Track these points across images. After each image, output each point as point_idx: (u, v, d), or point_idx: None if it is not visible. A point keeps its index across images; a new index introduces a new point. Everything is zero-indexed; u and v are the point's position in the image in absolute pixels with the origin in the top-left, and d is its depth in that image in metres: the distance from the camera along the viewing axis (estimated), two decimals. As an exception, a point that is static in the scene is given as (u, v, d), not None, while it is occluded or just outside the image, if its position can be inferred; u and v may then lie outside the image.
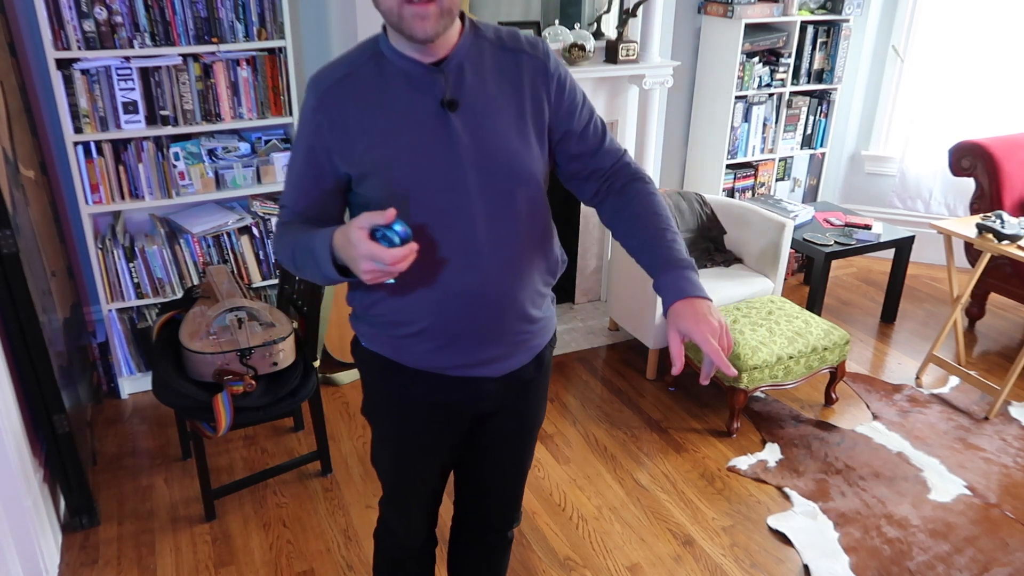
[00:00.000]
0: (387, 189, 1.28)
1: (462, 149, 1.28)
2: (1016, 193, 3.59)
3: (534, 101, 1.35)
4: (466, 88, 1.29)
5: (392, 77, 1.29)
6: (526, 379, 1.51)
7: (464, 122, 1.28)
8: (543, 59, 1.36)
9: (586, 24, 3.61)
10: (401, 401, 1.49)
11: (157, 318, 2.61)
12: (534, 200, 1.38)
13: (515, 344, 1.44)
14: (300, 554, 2.37)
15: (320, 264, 1.24)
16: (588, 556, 2.39)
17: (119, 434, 2.93)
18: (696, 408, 3.14)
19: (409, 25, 1.19)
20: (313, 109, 1.30)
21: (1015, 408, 3.13)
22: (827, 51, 4.07)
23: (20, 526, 2.08)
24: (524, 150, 1.33)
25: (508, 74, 1.33)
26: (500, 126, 1.31)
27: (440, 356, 1.40)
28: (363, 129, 1.28)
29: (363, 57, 1.31)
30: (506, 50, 1.35)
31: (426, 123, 1.28)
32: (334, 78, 1.30)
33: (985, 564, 2.35)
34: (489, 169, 1.30)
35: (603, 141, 1.45)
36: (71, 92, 2.71)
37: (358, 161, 1.29)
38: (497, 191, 1.31)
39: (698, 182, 4.22)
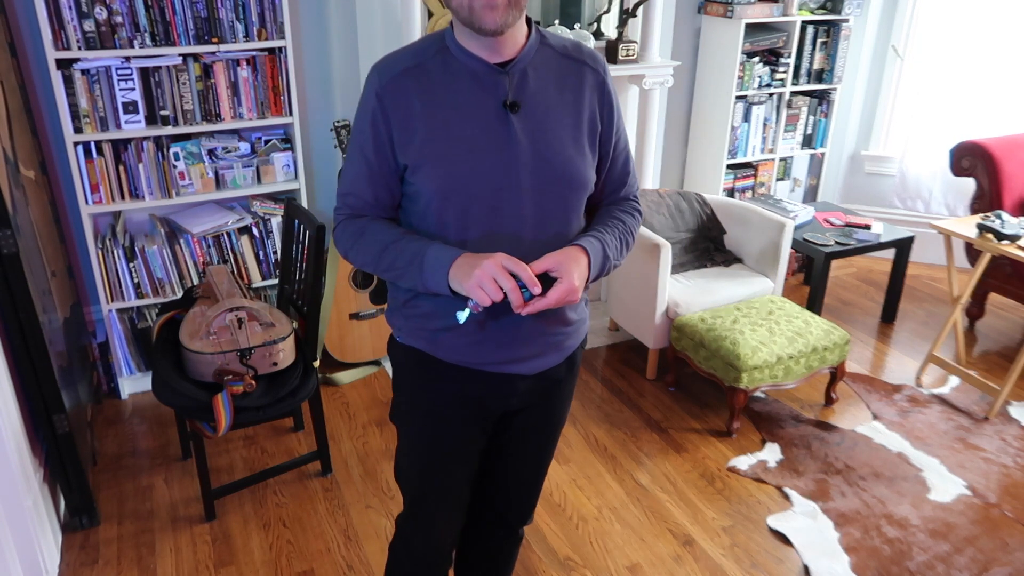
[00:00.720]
0: (441, 181, 1.31)
1: (519, 150, 1.31)
2: (1016, 193, 3.59)
3: (591, 112, 1.39)
4: (529, 92, 1.33)
5: (457, 73, 1.31)
6: (557, 378, 1.53)
7: (524, 125, 1.32)
8: (603, 75, 1.41)
9: (586, 24, 3.61)
10: (433, 397, 1.50)
11: (157, 318, 2.61)
12: (580, 207, 1.42)
13: (549, 344, 1.46)
14: (300, 554, 2.37)
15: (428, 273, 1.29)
16: (588, 556, 2.39)
17: (119, 434, 2.93)
18: (696, 408, 3.14)
19: (479, 16, 1.21)
20: (376, 95, 1.32)
21: (1015, 408, 3.13)
22: (827, 51, 4.07)
23: (20, 526, 2.08)
24: (578, 158, 1.37)
25: (570, 83, 1.37)
26: (558, 132, 1.35)
27: (475, 351, 1.42)
28: (423, 120, 1.30)
29: (431, 50, 1.33)
30: (570, 59, 1.39)
31: (487, 121, 1.31)
32: (400, 67, 1.32)
33: (985, 564, 2.35)
34: (543, 173, 1.34)
35: (627, 175, 1.51)
36: (71, 92, 2.71)
37: (415, 151, 1.31)
38: (548, 194, 1.35)
39: (698, 182, 4.22)
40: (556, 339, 1.47)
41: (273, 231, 3.19)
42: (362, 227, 1.39)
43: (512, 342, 1.42)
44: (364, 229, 1.39)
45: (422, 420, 1.54)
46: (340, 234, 1.43)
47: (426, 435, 1.54)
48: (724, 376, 2.91)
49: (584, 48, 1.41)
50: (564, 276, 1.29)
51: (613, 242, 1.43)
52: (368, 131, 1.34)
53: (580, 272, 1.32)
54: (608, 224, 1.46)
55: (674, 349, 3.19)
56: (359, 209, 1.41)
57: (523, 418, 1.57)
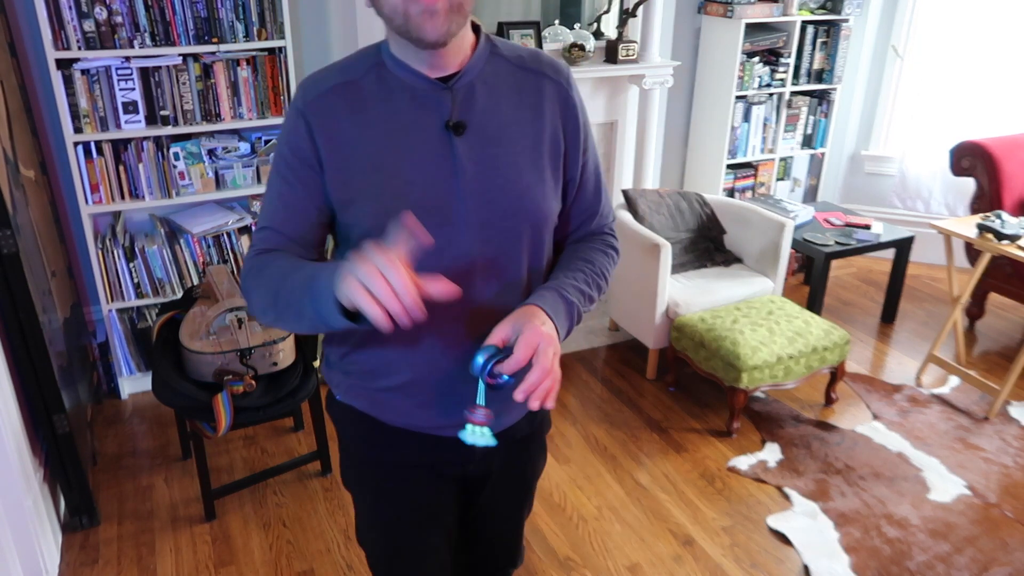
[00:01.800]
0: (375, 219, 1.11)
1: (465, 179, 1.13)
2: (1016, 193, 3.59)
3: (552, 131, 1.20)
4: (476, 110, 1.14)
5: (394, 90, 1.13)
6: (519, 436, 1.35)
7: (470, 149, 1.13)
8: (566, 86, 1.22)
9: (586, 24, 3.62)
10: (383, 463, 1.32)
11: (157, 318, 2.61)
12: (541, 244, 1.23)
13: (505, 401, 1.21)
14: (300, 554, 2.37)
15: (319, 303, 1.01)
16: (588, 556, 2.39)
17: (119, 434, 2.93)
18: (696, 408, 3.14)
19: (417, 25, 1.04)
20: (300, 116, 1.14)
21: (1015, 408, 3.13)
22: (827, 51, 4.07)
23: (20, 526, 2.08)
24: (537, 186, 1.18)
25: (527, 98, 1.19)
26: (512, 156, 1.16)
27: (423, 414, 1.24)
28: (354, 147, 1.12)
29: (364, 65, 1.16)
30: (526, 71, 1.20)
31: (427, 146, 1.13)
32: (328, 84, 1.14)
33: (985, 564, 2.35)
34: (494, 205, 1.15)
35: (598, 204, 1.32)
36: (71, 92, 2.71)
37: (345, 183, 1.13)
38: (501, 230, 1.16)
39: (698, 182, 4.22)
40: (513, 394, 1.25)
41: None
42: (265, 263, 1.14)
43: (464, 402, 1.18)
44: (266, 265, 1.14)
45: (375, 491, 1.35)
46: (244, 274, 1.19)
47: (382, 504, 1.35)
48: (724, 376, 2.91)
49: (543, 57, 1.23)
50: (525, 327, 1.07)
51: (575, 287, 1.21)
52: (291, 157, 1.15)
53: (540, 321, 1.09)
54: (570, 268, 1.24)
55: (674, 349, 3.19)
56: (275, 245, 1.17)
57: (491, 480, 1.39)
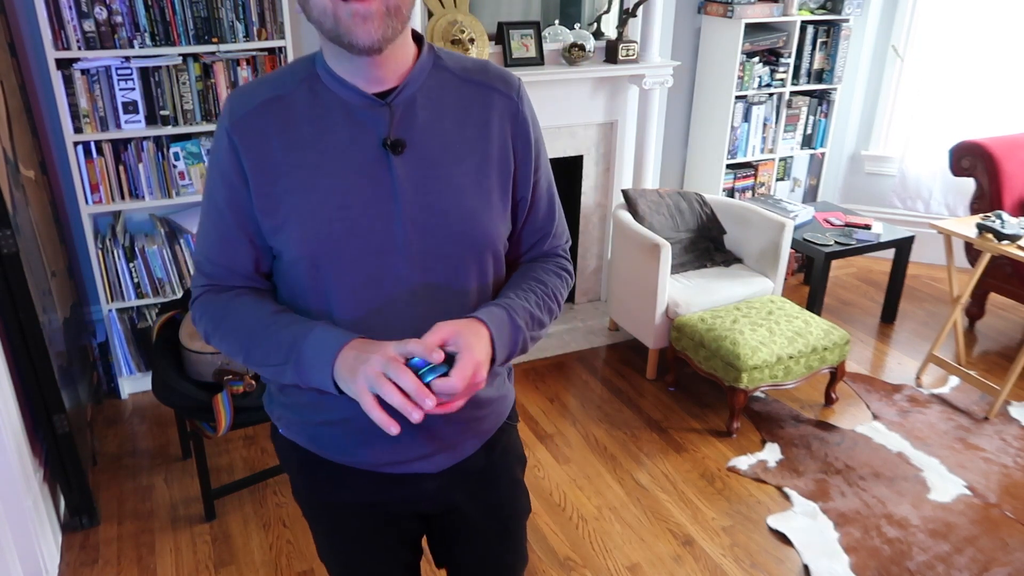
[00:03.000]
0: (306, 245, 1.05)
1: (403, 203, 1.05)
2: (1016, 193, 3.59)
3: (501, 149, 1.12)
4: (417, 127, 1.07)
5: (327, 106, 1.05)
6: (475, 469, 1.25)
7: (410, 169, 1.06)
8: (516, 100, 1.14)
9: (586, 24, 3.62)
10: (327, 501, 1.26)
11: (157, 318, 2.61)
12: (487, 269, 1.14)
13: (458, 434, 1.19)
14: (300, 554, 2.37)
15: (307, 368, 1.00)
16: (588, 556, 2.39)
17: (119, 434, 2.93)
18: (696, 408, 3.14)
19: (348, 29, 0.96)
20: (226, 136, 1.06)
21: (1015, 408, 3.13)
22: (827, 51, 4.07)
23: (20, 526, 2.08)
24: (483, 209, 1.10)
25: (473, 114, 1.11)
26: (456, 178, 1.08)
27: (365, 451, 1.16)
28: (283, 168, 1.05)
29: (295, 78, 1.07)
30: (473, 84, 1.12)
31: (361, 167, 1.05)
32: (256, 101, 1.06)
33: (985, 564, 2.35)
34: (435, 231, 1.07)
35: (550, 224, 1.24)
36: (71, 92, 2.71)
37: (272, 208, 1.06)
38: (442, 258, 1.08)
39: (698, 182, 4.22)
40: (467, 425, 1.19)
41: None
42: (224, 307, 1.10)
43: (409, 439, 1.13)
44: (227, 310, 1.10)
45: (323, 523, 1.30)
46: (197, 314, 1.14)
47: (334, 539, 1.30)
48: (724, 376, 2.91)
49: (492, 68, 1.15)
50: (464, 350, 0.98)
51: (526, 309, 1.12)
52: (219, 182, 1.07)
53: (482, 347, 1.01)
54: (522, 288, 1.16)
55: (674, 349, 3.19)
56: (217, 279, 1.13)
57: (456, 520, 1.30)
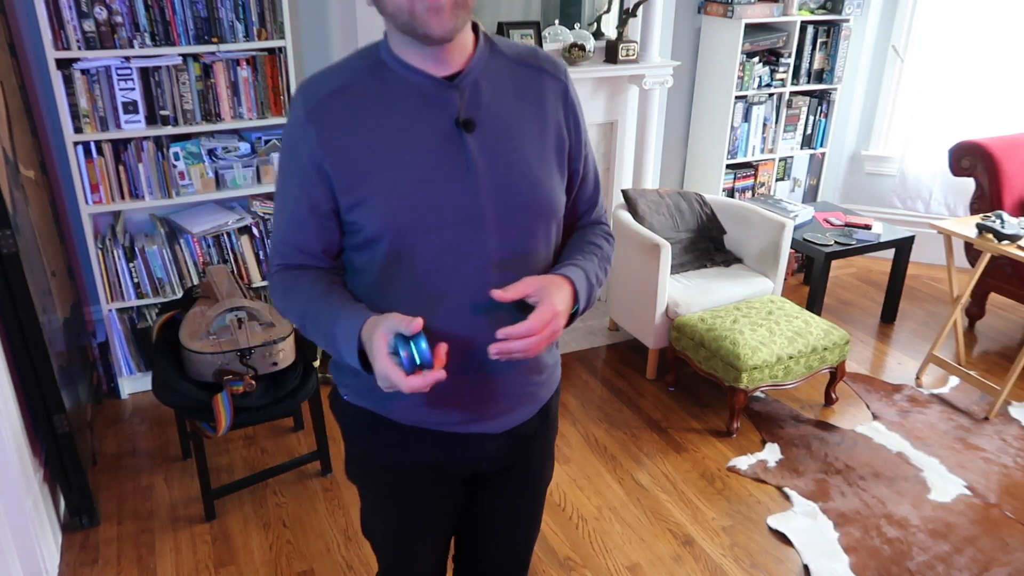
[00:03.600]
0: (386, 220, 1.13)
1: (478, 176, 1.13)
2: (1016, 193, 3.59)
3: (556, 125, 1.22)
4: (483, 107, 1.15)
5: (398, 91, 1.13)
6: (529, 434, 1.36)
7: (481, 145, 1.14)
8: (564, 81, 1.25)
9: (586, 24, 3.61)
10: (390, 463, 1.33)
11: (157, 318, 2.61)
12: (552, 238, 1.24)
13: (520, 397, 1.29)
14: (300, 554, 2.37)
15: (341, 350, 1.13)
16: (588, 556, 2.39)
17: (119, 434, 2.93)
18: (696, 408, 3.14)
19: (423, 22, 1.04)
20: (302, 124, 1.13)
21: (1015, 408, 3.13)
22: (827, 51, 4.07)
23: (20, 526, 2.08)
24: (547, 179, 1.20)
25: (528, 94, 1.20)
26: (521, 151, 1.17)
27: (434, 411, 1.25)
28: (361, 150, 1.12)
29: (364, 66, 1.15)
30: (525, 67, 1.22)
31: (437, 145, 1.13)
32: (328, 89, 1.14)
33: (985, 564, 2.35)
34: (508, 200, 1.15)
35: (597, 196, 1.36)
36: (71, 92, 2.71)
37: (353, 187, 1.13)
38: (515, 226, 1.17)
39: (698, 182, 4.22)
40: (527, 391, 1.30)
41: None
42: (291, 284, 1.21)
43: (477, 399, 1.24)
44: (292, 287, 1.20)
45: (379, 488, 1.38)
46: (272, 291, 1.25)
47: (388, 503, 1.38)
48: (724, 376, 2.91)
49: (541, 53, 1.25)
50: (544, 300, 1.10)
51: (594, 271, 1.25)
52: (296, 167, 1.15)
53: (563, 300, 1.14)
54: (586, 252, 1.28)
55: (674, 349, 3.19)
56: (291, 259, 1.22)
57: (500, 482, 1.40)
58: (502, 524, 1.47)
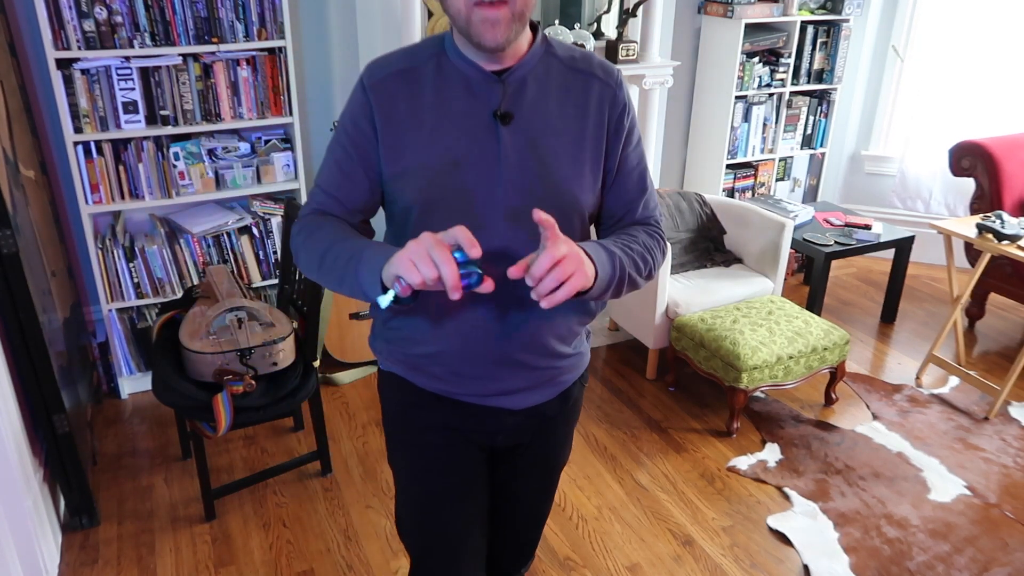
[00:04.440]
0: (420, 193, 1.22)
1: (507, 167, 1.21)
2: (1016, 193, 3.59)
3: (596, 128, 1.28)
4: (525, 103, 1.23)
5: (450, 79, 1.23)
6: (549, 415, 1.42)
7: (515, 138, 1.21)
8: (615, 88, 1.30)
9: (586, 24, 3.61)
10: (415, 426, 1.40)
11: (157, 318, 2.61)
12: (576, 234, 1.28)
13: (539, 378, 1.35)
14: (300, 554, 2.37)
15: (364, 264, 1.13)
16: (588, 556, 2.39)
17: (119, 434, 2.93)
18: (696, 408, 3.14)
19: (479, 31, 1.13)
20: (363, 93, 1.24)
21: (1015, 408, 3.13)
22: (827, 51, 4.07)
23: (20, 526, 2.08)
24: (575, 178, 1.26)
25: (574, 96, 1.27)
26: (553, 148, 1.24)
27: (454, 382, 1.33)
28: (408, 126, 1.22)
29: (426, 54, 1.25)
30: (576, 71, 1.28)
31: (474, 132, 1.21)
32: (391, 69, 1.24)
33: (985, 564, 2.35)
34: (533, 193, 1.22)
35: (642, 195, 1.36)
36: (71, 92, 2.71)
37: (396, 158, 1.23)
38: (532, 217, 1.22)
39: (698, 182, 4.22)
40: (547, 373, 1.35)
41: (273, 231, 3.19)
42: (318, 224, 1.26)
43: (495, 376, 1.31)
44: (319, 226, 1.25)
45: (409, 453, 1.43)
46: (296, 230, 1.29)
47: (414, 470, 1.43)
48: (724, 376, 2.91)
49: (595, 59, 1.31)
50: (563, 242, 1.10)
51: (626, 254, 1.26)
52: (352, 129, 1.26)
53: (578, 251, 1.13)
54: (620, 238, 1.30)
55: (674, 349, 3.19)
56: (326, 206, 1.29)
57: (516, 458, 1.46)
58: (515, 500, 1.53)
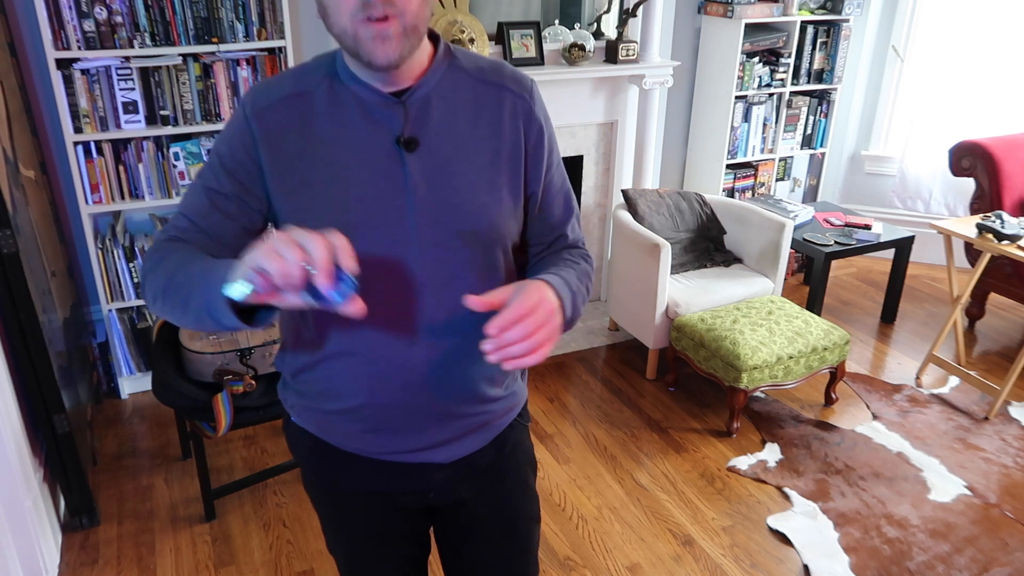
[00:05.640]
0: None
1: (416, 199, 1.09)
2: (1016, 193, 3.59)
3: (512, 147, 1.15)
4: (431, 125, 1.10)
5: (345, 105, 1.09)
6: (483, 466, 1.27)
7: (423, 166, 1.09)
8: (528, 100, 1.17)
9: (586, 24, 3.61)
10: (335, 489, 1.29)
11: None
12: (497, 266, 1.17)
13: (466, 426, 1.21)
14: (300, 554, 2.37)
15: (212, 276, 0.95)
16: (588, 556, 2.39)
17: (119, 434, 2.93)
18: (696, 408, 3.14)
19: (368, 50, 1.00)
20: (245, 122, 1.10)
21: (1015, 408, 3.13)
22: (827, 51, 4.07)
23: (20, 526, 2.08)
24: (493, 205, 1.13)
25: (485, 112, 1.14)
26: (467, 174, 1.12)
27: (373, 439, 1.19)
28: (299, 162, 1.09)
29: (316, 76, 1.12)
30: (487, 84, 1.15)
31: (376, 163, 1.08)
32: (279, 95, 1.10)
33: (985, 564, 2.35)
34: (447, 225, 1.10)
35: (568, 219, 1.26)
36: (71, 92, 2.71)
37: (288, 196, 1.09)
38: (451, 250, 1.11)
39: (698, 182, 4.22)
40: (476, 419, 1.21)
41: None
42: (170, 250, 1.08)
43: (417, 429, 1.17)
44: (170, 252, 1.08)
45: (329, 511, 1.33)
46: (146, 256, 1.12)
47: (338, 527, 1.34)
48: (724, 376, 2.91)
49: (507, 69, 1.18)
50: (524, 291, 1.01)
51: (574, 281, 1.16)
52: (229, 159, 1.10)
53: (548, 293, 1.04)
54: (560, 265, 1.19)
55: (674, 349, 3.19)
56: (189, 235, 1.11)
57: (462, 519, 1.32)
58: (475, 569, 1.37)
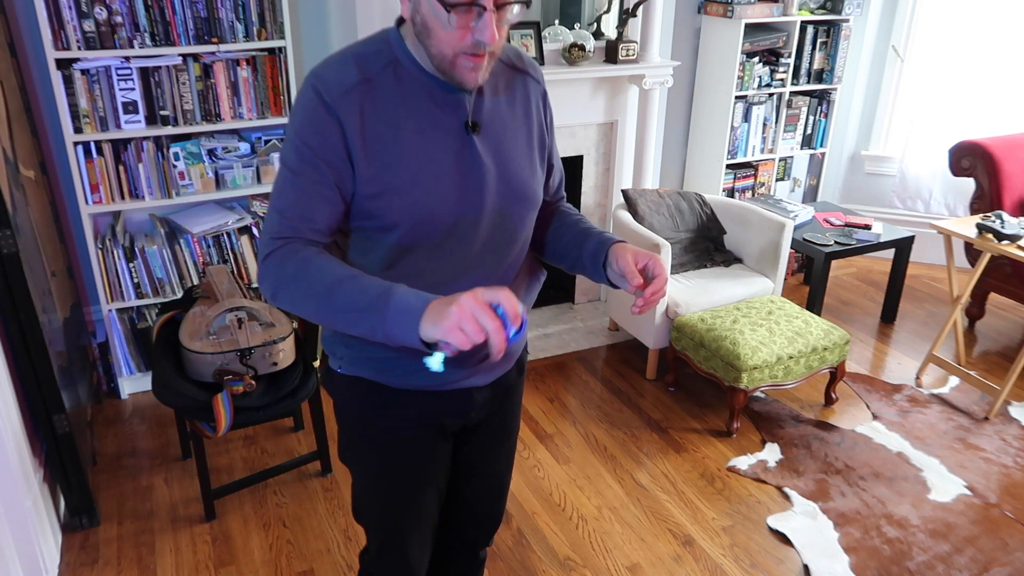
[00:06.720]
0: (403, 213, 1.21)
1: (485, 173, 1.25)
2: (1016, 193, 3.59)
3: (539, 126, 1.37)
4: (485, 110, 1.27)
5: (412, 90, 1.21)
6: (509, 384, 1.50)
7: (486, 146, 1.26)
8: (542, 84, 1.39)
9: (586, 24, 3.61)
10: (388, 425, 1.41)
11: (157, 318, 2.61)
12: (533, 224, 1.40)
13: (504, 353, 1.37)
14: (300, 554, 2.37)
15: (392, 314, 1.08)
16: (588, 556, 2.39)
17: (119, 434, 2.93)
18: (696, 408, 3.14)
19: (461, 76, 1.16)
20: (326, 110, 1.16)
21: (1015, 408, 3.13)
22: (827, 51, 4.07)
23: (20, 526, 2.08)
24: (533, 175, 1.34)
25: (519, 97, 1.33)
26: (514, 151, 1.31)
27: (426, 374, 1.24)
28: (383, 144, 1.19)
29: (378, 64, 1.21)
30: (515, 71, 1.34)
31: (451, 145, 1.23)
32: (349, 83, 1.18)
33: (985, 564, 2.35)
34: (506, 195, 1.29)
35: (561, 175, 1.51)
36: (71, 92, 2.71)
37: (375, 178, 1.19)
38: (509, 217, 1.31)
39: (698, 182, 4.22)
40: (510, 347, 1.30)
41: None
42: (307, 259, 1.16)
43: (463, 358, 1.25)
44: (309, 261, 1.16)
45: (380, 451, 1.44)
46: (275, 264, 1.18)
47: (388, 466, 1.45)
48: (724, 376, 2.91)
49: (525, 56, 1.38)
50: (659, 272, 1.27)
51: None
52: (317, 144, 1.17)
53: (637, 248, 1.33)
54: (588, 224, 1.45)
55: (674, 349, 3.19)
56: (291, 232, 1.19)
57: (478, 434, 1.52)
58: (481, 475, 1.58)
